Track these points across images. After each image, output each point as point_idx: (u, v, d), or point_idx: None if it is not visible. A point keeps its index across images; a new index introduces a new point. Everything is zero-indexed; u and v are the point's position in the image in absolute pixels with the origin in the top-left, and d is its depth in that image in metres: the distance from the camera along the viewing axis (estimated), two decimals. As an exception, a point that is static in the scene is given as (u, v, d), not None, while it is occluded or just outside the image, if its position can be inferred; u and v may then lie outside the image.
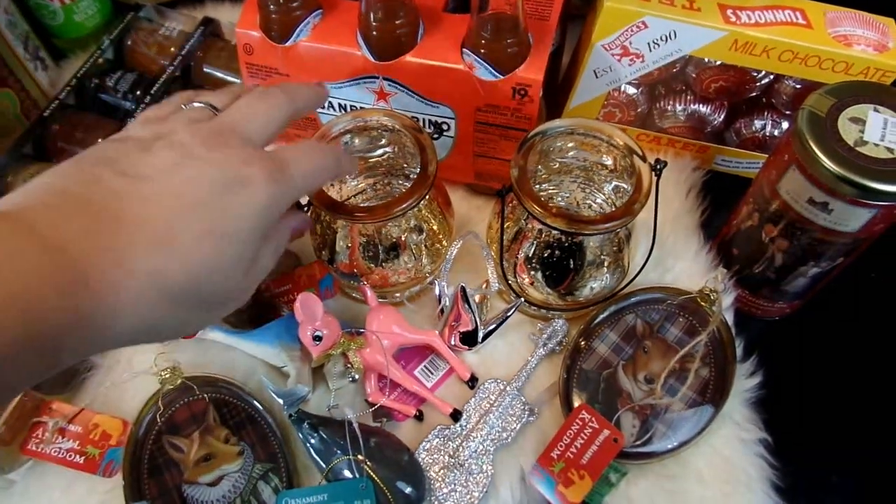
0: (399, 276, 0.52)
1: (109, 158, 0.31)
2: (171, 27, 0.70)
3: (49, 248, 0.26)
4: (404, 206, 0.45)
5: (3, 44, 0.64)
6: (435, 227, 0.53)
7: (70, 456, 0.48)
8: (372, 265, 0.51)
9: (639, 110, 0.64)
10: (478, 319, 0.52)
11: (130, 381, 0.52)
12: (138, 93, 0.65)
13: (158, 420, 0.49)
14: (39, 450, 0.48)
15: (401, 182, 0.58)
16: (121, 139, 0.33)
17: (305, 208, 0.47)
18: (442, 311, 0.54)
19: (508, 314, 0.54)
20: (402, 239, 0.51)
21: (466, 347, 0.53)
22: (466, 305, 0.52)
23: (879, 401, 0.54)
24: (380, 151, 0.56)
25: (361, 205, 0.57)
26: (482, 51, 0.50)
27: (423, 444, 0.49)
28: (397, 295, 0.56)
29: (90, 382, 0.53)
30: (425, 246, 0.52)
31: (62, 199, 0.28)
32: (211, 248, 0.30)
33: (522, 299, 0.53)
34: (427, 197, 0.48)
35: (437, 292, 0.53)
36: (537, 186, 0.57)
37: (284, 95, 0.38)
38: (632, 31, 0.55)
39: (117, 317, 0.28)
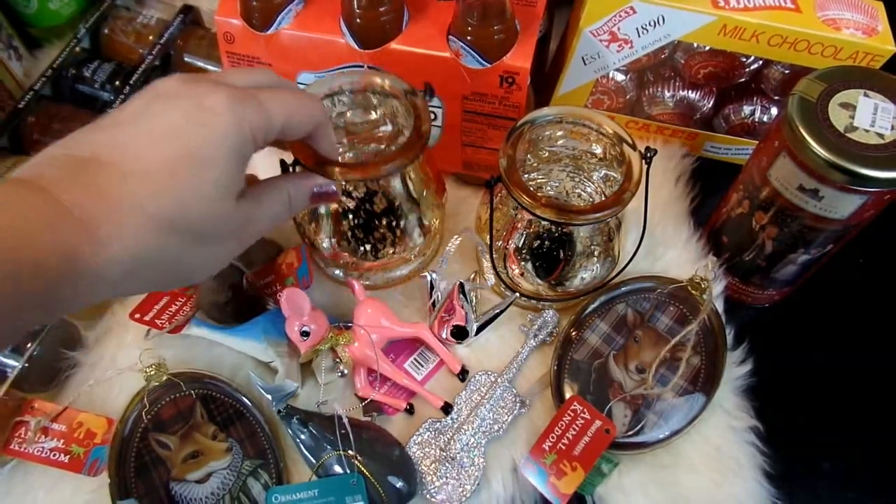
0: (393, 253, 0.51)
1: (93, 121, 0.33)
2: (150, 15, 0.69)
3: (36, 189, 0.28)
4: (397, 162, 0.43)
5: (-24, 34, 0.63)
6: (424, 198, 0.51)
7: (54, 455, 0.47)
8: (359, 246, 0.50)
9: (627, 97, 0.63)
10: (472, 315, 0.52)
11: (115, 378, 0.51)
12: (117, 83, 0.64)
13: (144, 417, 0.49)
14: (22, 449, 0.47)
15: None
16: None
17: (291, 168, 0.44)
18: (434, 303, 0.53)
19: (502, 310, 0.53)
20: (394, 204, 0.49)
21: (457, 340, 0.53)
22: (463, 299, 0.51)
23: (869, 386, 0.54)
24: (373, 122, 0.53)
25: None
26: (469, 38, 0.49)
27: (414, 437, 0.49)
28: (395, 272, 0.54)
29: (73, 380, 0.52)
30: (420, 224, 0.51)
31: (49, 159, 0.30)
32: (188, 173, 0.31)
33: (517, 294, 0.53)
34: (420, 159, 0.45)
35: (427, 284, 0.53)
36: (526, 176, 0.56)
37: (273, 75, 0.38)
38: (620, 16, 0.54)
39: (109, 249, 0.29)
